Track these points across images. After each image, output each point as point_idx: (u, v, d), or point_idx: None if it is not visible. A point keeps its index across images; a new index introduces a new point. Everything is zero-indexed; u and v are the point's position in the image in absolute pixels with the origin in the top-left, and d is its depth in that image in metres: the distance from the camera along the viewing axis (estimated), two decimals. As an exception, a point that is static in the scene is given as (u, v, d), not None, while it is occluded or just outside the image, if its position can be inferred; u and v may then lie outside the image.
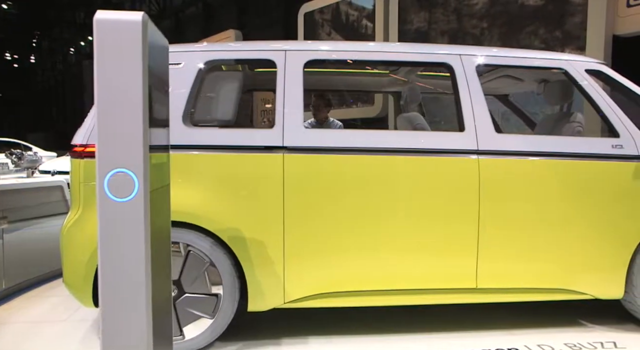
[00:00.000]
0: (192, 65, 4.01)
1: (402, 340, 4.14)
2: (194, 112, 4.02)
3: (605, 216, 4.16)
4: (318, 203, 3.98)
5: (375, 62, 4.50)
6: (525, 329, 4.32)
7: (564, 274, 4.15)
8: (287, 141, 3.96)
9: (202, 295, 3.91)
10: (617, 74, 4.42)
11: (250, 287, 3.94)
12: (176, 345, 3.86)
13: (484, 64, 4.30)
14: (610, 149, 4.18)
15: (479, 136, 4.09)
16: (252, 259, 3.93)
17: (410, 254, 4.05)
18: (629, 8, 6.59)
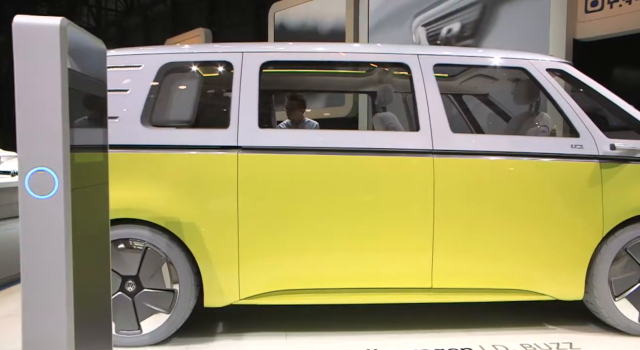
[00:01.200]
0: (151, 68, 4.10)
1: (354, 338, 4.13)
2: (153, 113, 4.11)
3: (564, 216, 4.09)
4: (272, 202, 4.02)
5: (332, 62, 4.52)
6: (484, 329, 4.27)
7: (523, 275, 4.10)
8: (241, 141, 4.02)
9: (159, 291, 3.99)
10: (580, 74, 4.35)
11: (206, 283, 4.00)
12: (134, 338, 3.96)
13: (442, 63, 4.29)
14: (569, 148, 4.13)
15: (434, 136, 4.08)
16: (208, 256, 3.99)
17: (366, 253, 4.06)
18: (587, 14, 6.72)
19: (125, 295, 3.98)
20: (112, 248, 3.95)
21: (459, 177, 4.08)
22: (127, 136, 4.02)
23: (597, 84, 4.34)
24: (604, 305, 4.14)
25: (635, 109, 4.30)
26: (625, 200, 4.11)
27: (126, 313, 3.98)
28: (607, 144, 4.11)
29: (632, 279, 4.16)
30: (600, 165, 4.11)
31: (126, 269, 3.99)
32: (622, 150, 4.12)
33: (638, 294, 4.15)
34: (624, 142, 4.14)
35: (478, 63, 4.39)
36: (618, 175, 4.12)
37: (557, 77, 4.38)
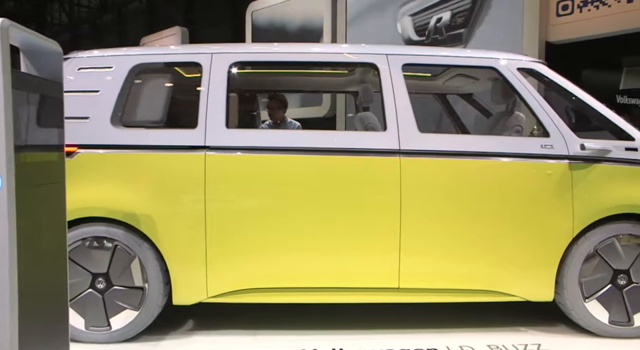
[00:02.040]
0: (122, 69, 4.14)
1: (321, 337, 4.13)
2: (123, 114, 4.15)
3: (534, 217, 4.04)
4: (240, 201, 4.05)
5: (301, 63, 4.53)
6: (453, 328, 4.23)
7: (491, 276, 4.06)
8: (209, 141, 4.05)
9: (128, 288, 4.04)
10: (553, 73, 4.28)
11: (174, 281, 4.04)
12: (103, 335, 4.01)
13: (411, 63, 4.26)
14: (539, 148, 4.08)
15: (401, 136, 4.07)
16: (176, 254, 4.02)
17: (333, 252, 4.05)
18: (558, 17, 6.73)
19: (96, 292, 4.04)
20: (82, 246, 4.03)
21: (426, 177, 4.05)
22: (97, 136, 4.08)
23: (570, 83, 4.28)
24: (575, 307, 4.08)
25: (607, 109, 4.25)
26: (596, 201, 4.05)
27: (96, 310, 4.02)
28: (578, 144, 4.05)
29: (603, 280, 4.09)
30: (570, 165, 4.06)
31: (96, 266, 4.04)
32: (592, 151, 4.05)
33: (609, 295, 4.07)
34: (595, 142, 4.08)
35: (448, 63, 4.38)
36: (589, 176, 4.06)
37: (530, 77, 4.35)
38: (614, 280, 4.09)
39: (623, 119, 4.24)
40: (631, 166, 4.10)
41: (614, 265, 4.09)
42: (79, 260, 4.05)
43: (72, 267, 3.97)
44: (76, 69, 4.19)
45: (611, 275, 4.10)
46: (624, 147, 4.11)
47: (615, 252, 4.08)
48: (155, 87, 4.38)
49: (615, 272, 4.09)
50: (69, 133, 4.08)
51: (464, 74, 5.00)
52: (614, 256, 4.08)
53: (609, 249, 4.09)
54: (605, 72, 7.11)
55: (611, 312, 4.09)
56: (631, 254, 4.09)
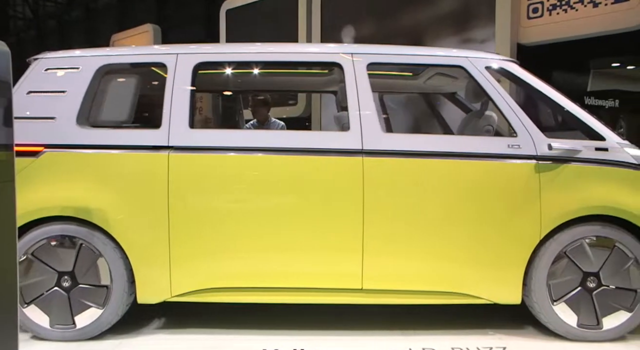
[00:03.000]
0: (89, 69, 3.52)
1: (282, 337, 3.44)
2: (89, 114, 3.55)
3: (500, 218, 3.34)
4: (202, 201, 3.42)
5: (266, 63, 3.86)
6: (418, 330, 3.54)
7: (457, 278, 3.37)
8: (172, 141, 3.41)
9: (93, 287, 3.40)
10: (524, 72, 3.57)
11: (138, 280, 3.42)
12: (68, 333, 3.40)
13: (377, 62, 3.57)
14: (505, 148, 3.36)
15: (364, 136, 3.37)
16: (139, 253, 3.41)
17: (296, 253, 3.40)
18: (529, 20, 6.00)
19: (61, 290, 3.40)
20: (48, 244, 3.40)
21: (389, 177, 3.37)
22: (63, 136, 3.48)
23: (542, 83, 3.56)
24: (543, 310, 3.38)
25: (579, 109, 3.48)
26: (565, 202, 3.34)
27: (61, 308, 3.41)
28: (546, 144, 3.32)
29: (572, 283, 3.37)
30: (538, 165, 3.34)
31: (62, 264, 3.41)
32: (560, 151, 3.33)
33: (577, 298, 3.36)
34: (563, 142, 3.38)
35: (415, 61, 3.64)
36: (557, 176, 3.35)
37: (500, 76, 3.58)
38: (584, 282, 3.36)
39: (595, 119, 3.45)
40: (601, 166, 3.36)
41: (583, 267, 3.37)
42: (44, 258, 3.43)
43: (38, 266, 3.42)
44: (43, 69, 3.55)
45: (580, 278, 3.37)
46: (594, 147, 3.40)
47: (585, 254, 3.36)
48: (121, 87, 3.72)
49: (584, 275, 3.37)
50: (37, 133, 3.51)
51: (444, 73, 4.20)
52: (583, 258, 3.37)
53: (577, 251, 3.38)
54: (573, 74, 6.35)
55: (580, 315, 3.39)
56: (601, 256, 3.34)
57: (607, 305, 3.33)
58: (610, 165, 3.34)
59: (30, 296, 3.39)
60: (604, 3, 5.46)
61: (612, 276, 3.33)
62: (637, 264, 3.32)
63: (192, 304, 3.50)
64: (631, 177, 3.34)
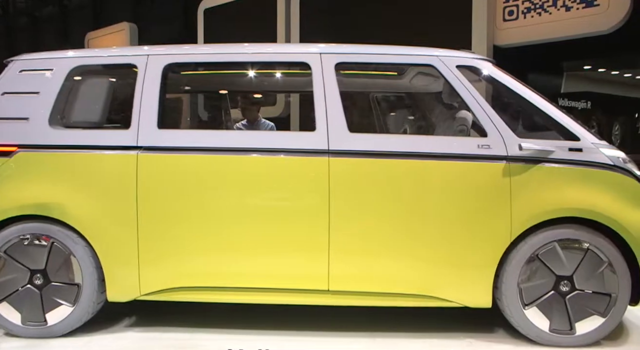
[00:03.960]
0: (62, 71, 2.96)
1: (249, 337, 2.85)
2: (61, 115, 2.99)
3: (469, 220, 2.71)
4: (170, 201, 2.83)
5: (235, 63, 3.22)
6: (385, 332, 2.90)
7: (425, 280, 2.75)
8: (141, 141, 2.84)
9: (64, 284, 2.85)
10: (496, 71, 2.91)
11: (108, 278, 2.85)
12: (39, 330, 2.85)
13: (345, 62, 2.94)
14: (475, 148, 2.72)
15: (330, 136, 2.76)
16: (109, 252, 2.85)
17: (263, 253, 2.80)
18: (505, 22, 5.26)
19: (33, 288, 2.86)
20: (20, 243, 2.86)
21: (355, 177, 2.76)
22: (36, 137, 2.93)
23: (515, 82, 2.90)
24: (514, 313, 2.74)
25: (554, 108, 2.83)
26: (535, 204, 2.69)
27: (33, 305, 2.86)
28: (517, 144, 2.67)
29: (544, 286, 2.72)
30: (509, 166, 2.69)
31: (34, 263, 2.87)
32: (531, 151, 2.68)
33: (550, 302, 2.72)
34: (534, 142, 2.73)
35: (385, 61, 3.01)
36: (528, 177, 2.70)
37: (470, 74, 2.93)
38: (556, 286, 2.71)
39: (570, 119, 2.79)
40: (574, 167, 2.70)
41: (556, 271, 2.72)
42: (17, 256, 2.88)
43: (10, 264, 2.87)
44: (18, 71, 3.01)
45: (553, 282, 2.72)
46: (568, 147, 2.73)
47: (557, 257, 2.71)
48: (93, 88, 3.16)
49: (557, 279, 2.71)
50: (11, 133, 2.94)
51: (425, 72, 3.53)
52: (556, 262, 2.72)
53: (550, 254, 2.72)
54: (548, 76, 5.64)
55: (552, 320, 2.73)
56: (574, 259, 2.70)
57: (581, 309, 2.68)
58: (584, 166, 2.69)
59: (3, 293, 2.85)
60: (575, 7, 4.77)
61: (585, 280, 2.68)
62: (612, 268, 2.67)
63: (163, 303, 2.93)
64: (606, 179, 2.69)
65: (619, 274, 2.67)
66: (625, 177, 2.70)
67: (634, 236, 2.65)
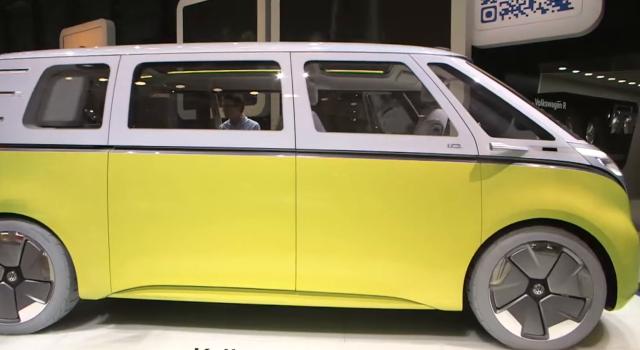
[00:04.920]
0: (36, 71, 2.57)
1: (214, 336, 2.46)
2: (36, 114, 2.59)
3: (439, 221, 2.27)
4: (139, 200, 2.45)
5: (207, 62, 2.76)
6: (355, 334, 2.47)
7: (393, 281, 2.32)
8: (112, 140, 2.45)
9: (38, 282, 2.48)
10: (469, 68, 2.45)
11: (79, 276, 2.47)
12: (12, 327, 2.47)
13: (315, 60, 2.51)
14: (445, 148, 2.29)
15: (297, 135, 2.35)
16: (80, 250, 2.46)
17: (232, 252, 2.39)
18: (483, 23, 4.68)
19: (7, 285, 2.48)
20: (-6, 241, 2.51)
21: (322, 177, 2.34)
22: (10, 136, 2.55)
23: (489, 79, 2.44)
24: (485, 317, 2.30)
25: (529, 107, 2.38)
26: (507, 205, 2.25)
27: (6, 302, 2.49)
28: (488, 144, 2.23)
29: (516, 290, 2.28)
30: (480, 166, 2.25)
31: (8, 260, 2.49)
32: (502, 151, 2.24)
33: (522, 306, 2.27)
34: (506, 141, 2.27)
35: (355, 59, 2.57)
36: (500, 178, 2.26)
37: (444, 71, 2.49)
38: (529, 290, 2.27)
39: (546, 118, 2.34)
40: (548, 167, 2.25)
41: (529, 274, 2.27)
42: (-9, 254, 2.50)
43: None
44: None
45: (526, 285, 2.27)
46: (542, 147, 2.27)
47: (530, 260, 2.27)
48: (67, 88, 2.78)
49: (530, 282, 2.27)
50: None
51: (406, 71, 3.06)
52: (528, 264, 2.28)
53: (522, 256, 2.27)
54: (525, 77, 5.13)
55: (525, 324, 2.29)
56: (548, 262, 2.26)
57: (554, 314, 2.24)
58: (559, 166, 2.24)
59: (-23, 291, 2.52)
60: (550, 9, 4.25)
61: (559, 283, 2.23)
62: (586, 271, 2.23)
63: (137, 300, 2.55)
64: (581, 179, 2.24)
65: (593, 277, 2.22)
66: (603, 178, 2.24)
67: (609, 239, 2.20)
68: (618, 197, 2.25)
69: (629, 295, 2.25)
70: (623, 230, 2.23)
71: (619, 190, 2.26)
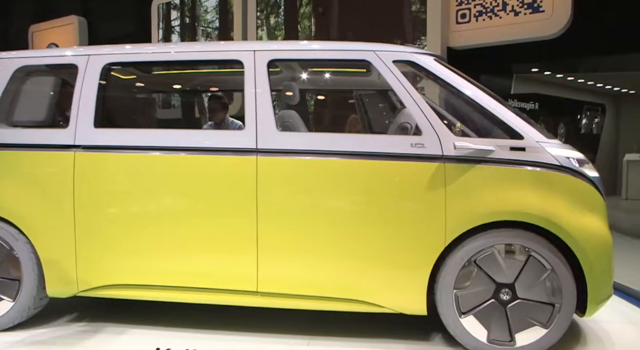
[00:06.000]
0: (6, 71, 2.22)
1: (178, 335, 2.10)
2: (6, 114, 2.24)
3: (402, 222, 1.89)
4: (105, 199, 2.08)
5: (173, 62, 2.38)
6: (325, 337, 2.08)
7: (355, 284, 1.94)
8: (78, 140, 2.09)
9: (6, 280, 2.14)
10: (436, 65, 2.04)
11: (47, 274, 2.13)
12: (-18, 325, 2.18)
13: (278, 59, 2.12)
14: (408, 148, 1.90)
15: (258, 134, 1.97)
16: (48, 249, 2.12)
17: (194, 252, 2.03)
18: (458, 24, 4.19)
19: (-23, 283, 2.16)
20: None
21: (284, 177, 1.97)
22: None
23: (458, 77, 2.03)
24: (449, 322, 1.92)
25: (499, 105, 1.97)
26: (472, 207, 1.85)
27: None
28: (453, 143, 1.84)
29: (482, 294, 1.89)
30: (444, 166, 1.86)
31: (-22, 258, 2.16)
32: (467, 150, 1.85)
33: (488, 311, 1.89)
34: (471, 140, 1.88)
35: (319, 57, 2.17)
36: (465, 178, 1.86)
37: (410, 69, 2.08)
38: (496, 294, 1.88)
39: (515, 116, 1.94)
40: (515, 168, 1.84)
41: (496, 278, 1.88)
42: (-41, 252, 2.16)
43: None
44: None
45: (493, 290, 1.88)
46: (509, 146, 1.86)
47: (497, 264, 1.87)
48: (37, 88, 2.43)
49: (497, 286, 1.88)
50: None
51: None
52: (495, 268, 1.88)
53: (489, 260, 1.88)
54: (499, 78, 4.67)
55: (491, 330, 1.90)
56: (515, 266, 1.87)
57: (522, 319, 1.85)
58: (527, 167, 1.84)
59: (-54, 289, 2.19)
60: (523, 12, 3.82)
61: (527, 288, 1.84)
62: (555, 276, 1.85)
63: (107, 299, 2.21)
64: (550, 180, 1.84)
65: (562, 282, 1.82)
66: (574, 179, 1.84)
67: (578, 242, 1.80)
68: (591, 199, 1.85)
69: (600, 301, 1.86)
70: (594, 234, 1.83)
71: (592, 191, 1.85)
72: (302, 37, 4.51)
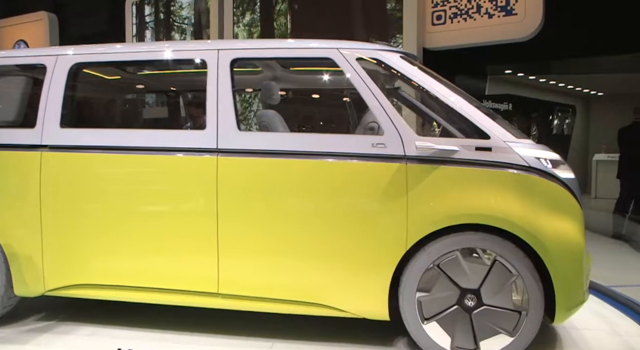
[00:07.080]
0: None
1: (142, 334, 1.82)
2: None
3: (362, 225, 1.59)
4: (71, 199, 1.81)
5: (139, 62, 2.11)
6: (288, 340, 1.79)
7: (316, 288, 1.65)
8: (45, 140, 1.81)
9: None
10: (401, 62, 1.71)
11: (14, 274, 1.85)
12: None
13: (242, 57, 1.80)
14: (369, 148, 1.59)
15: (219, 134, 1.67)
16: (14, 248, 1.84)
17: (156, 253, 1.75)
18: (433, 26, 3.75)
19: (-53, 282, 1.89)
20: None
21: (244, 178, 1.67)
22: None
23: (424, 75, 1.71)
24: (412, 328, 1.62)
25: (465, 104, 1.64)
26: (434, 209, 1.54)
27: None
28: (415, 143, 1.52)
29: (446, 300, 1.59)
30: (406, 167, 1.55)
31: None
32: (430, 151, 1.53)
33: (452, 317, 1.58)
34: (434, 140, 1.57)
35: (282, 55, 1.86)
36: (427, 180, 1.55)
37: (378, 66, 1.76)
38: (460, 300, 1.57)
39: (483, 115, 1.60)
40: (481, 168, 1.52)
41: (460, 283, 1.57)
42: None
43: None
44: None
45: (457, 295, 1.57)
46: (475, 146, 1.54)
47: (461, 268, 1.56)
48: (5, 88, 2.09)
49: (462, 292, 1.57)
50: None
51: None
52: (459, 273, 1.57)
53: (452, 264, 1.57)
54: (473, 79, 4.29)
55: (455, 337, 1.59)
56: (480, 271, 1.55)
57: (487, 327, 1.54)
58: (492, 167, 1.52)
59: None
60: (497, 15, 3.42)
61: (492, 294, 1.54)
62: (523, 282, 1.53)
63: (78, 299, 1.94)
64: (516, 181, 1.52)
65: (529, 288, 1.51)
66: (543, 181, 1.51)
67: (545, 246, 1.48)
68: (562, 201, 1.53)
69: (570, 308, 1.54)
70: (562, 236, 1.51)
71: (564, 193, 1.53)
72: (278, 34, 3.98)
